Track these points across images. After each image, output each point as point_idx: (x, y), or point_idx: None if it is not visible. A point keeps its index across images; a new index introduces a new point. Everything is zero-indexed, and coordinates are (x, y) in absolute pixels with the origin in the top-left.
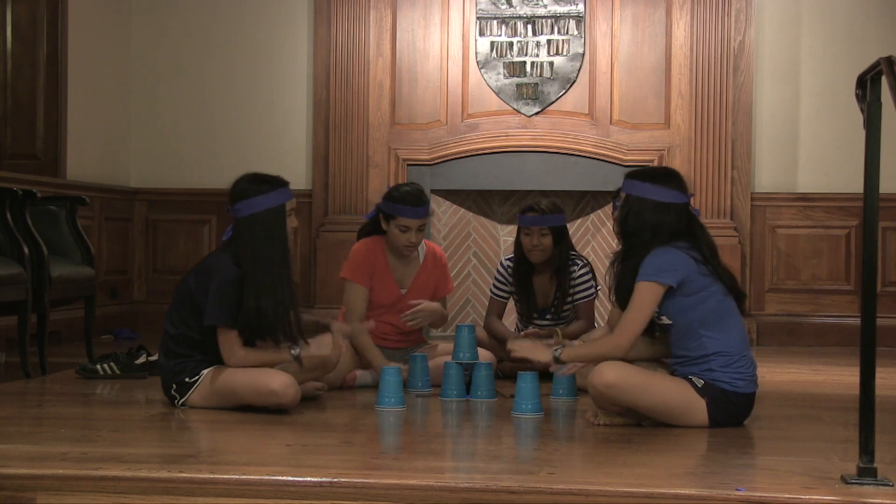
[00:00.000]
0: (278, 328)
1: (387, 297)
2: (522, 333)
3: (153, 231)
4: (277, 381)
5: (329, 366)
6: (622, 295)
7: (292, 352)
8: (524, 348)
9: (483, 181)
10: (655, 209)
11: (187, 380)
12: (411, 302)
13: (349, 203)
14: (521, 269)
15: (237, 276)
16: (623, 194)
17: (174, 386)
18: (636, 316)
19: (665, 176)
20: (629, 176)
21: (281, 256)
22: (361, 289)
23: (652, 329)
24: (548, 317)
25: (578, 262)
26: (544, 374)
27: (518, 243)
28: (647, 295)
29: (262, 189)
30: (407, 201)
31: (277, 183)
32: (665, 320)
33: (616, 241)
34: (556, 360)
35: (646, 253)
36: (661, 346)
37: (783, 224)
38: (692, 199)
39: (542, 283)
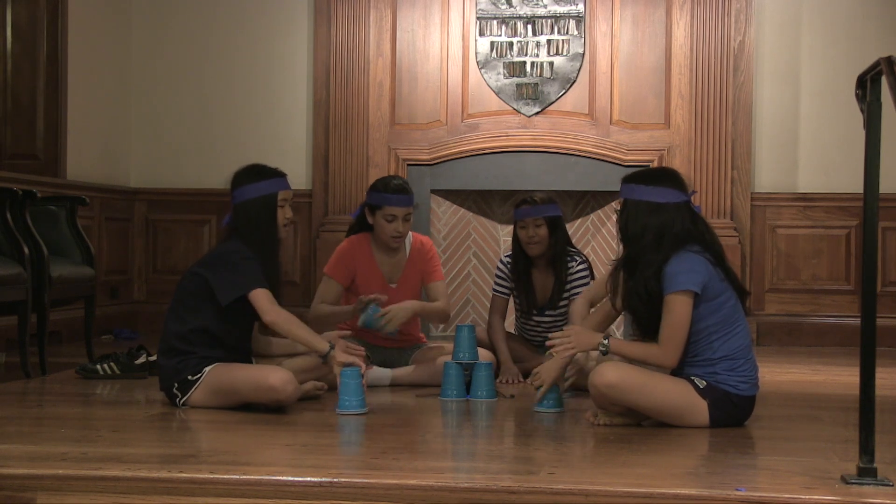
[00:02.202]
0: None
1: (375, 292)
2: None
3: (153, 231)
4: (276, 377)
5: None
6: (636, 302)
7: (329, 345)
8: (575, 340)
9: (483, 181)
10: (654, 211)
11: (189, 377)
12: (383, 307)
13: (349, 203)
14: (520, 265)
15: (252, 254)
16: (621, 200)
17: (176, 384)
18: (677, 328)
19: (660, 176)
20: (625, 180)
21: (270, 244)
22: (336, 284)
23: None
24: (547, 313)
25: (577, 258)
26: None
27: (515, 238)
28: (682, 306)
29: (255, 179)
30: (391, 190)
31: (271, 174)
32: None
33: (618, 243)
34: (603, 349)
35: (655, 259)
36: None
37: (783, 224)
38: (694, 197)
39: (540, 278)
